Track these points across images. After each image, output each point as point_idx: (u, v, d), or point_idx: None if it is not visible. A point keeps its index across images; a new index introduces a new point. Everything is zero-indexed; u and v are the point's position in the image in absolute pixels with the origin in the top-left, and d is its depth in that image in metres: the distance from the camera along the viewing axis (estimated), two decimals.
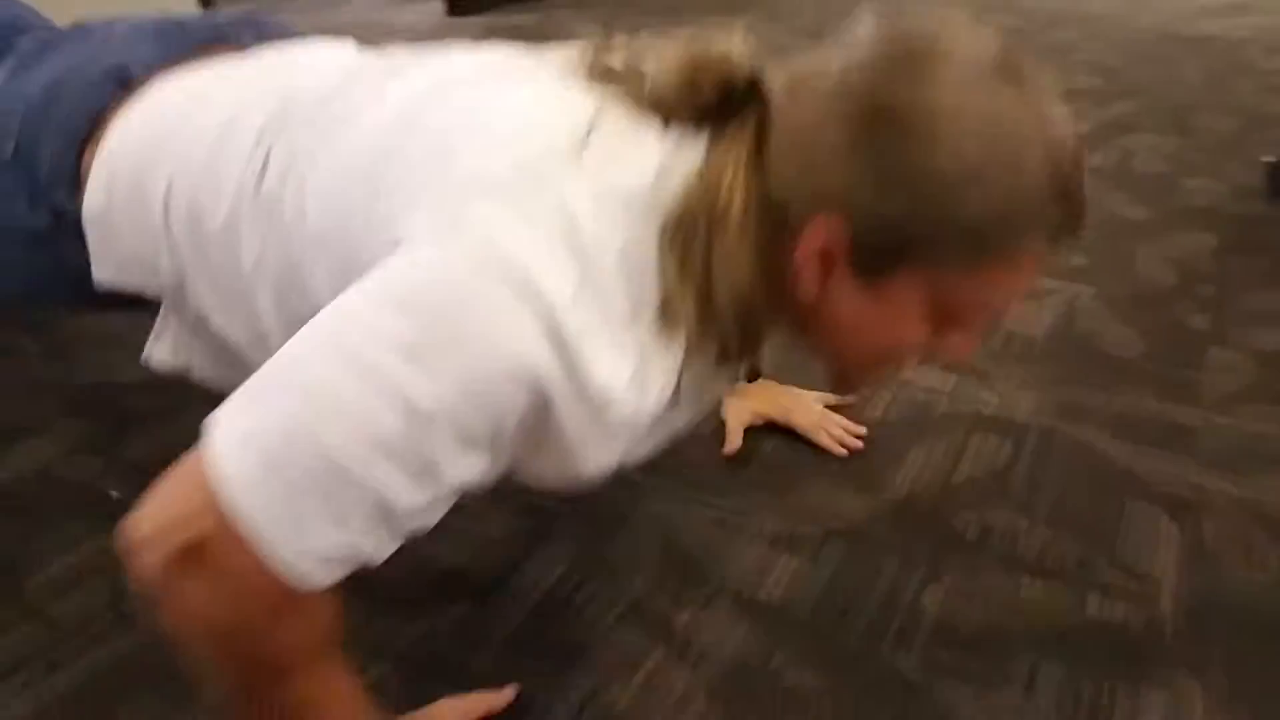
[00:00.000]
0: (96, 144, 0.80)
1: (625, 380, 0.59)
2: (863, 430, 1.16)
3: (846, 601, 0.93)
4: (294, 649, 0.62)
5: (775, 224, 0.61)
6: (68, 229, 0.81)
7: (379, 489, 0.55)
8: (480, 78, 0.71)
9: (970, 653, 0.87)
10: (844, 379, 0.75)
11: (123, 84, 0.83)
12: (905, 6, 0.59)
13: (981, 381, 1.28)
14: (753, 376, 1.18)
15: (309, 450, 0.53)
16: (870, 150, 0.56)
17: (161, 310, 0.83)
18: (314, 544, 0.55)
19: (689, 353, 0.63)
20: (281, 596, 0.56)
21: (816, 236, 0.59)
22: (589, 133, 0.62)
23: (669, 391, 0.63)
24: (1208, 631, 0.89)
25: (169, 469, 0.57)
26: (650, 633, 0.90)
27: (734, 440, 1.14)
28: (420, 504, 0.57)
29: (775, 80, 0.63)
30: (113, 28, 0.91)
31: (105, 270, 0.82)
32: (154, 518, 0.56)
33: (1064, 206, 0.58)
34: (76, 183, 0.80)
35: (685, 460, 1.12)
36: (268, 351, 0.60)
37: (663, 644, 0.88)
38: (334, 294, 0.60)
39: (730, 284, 0.61)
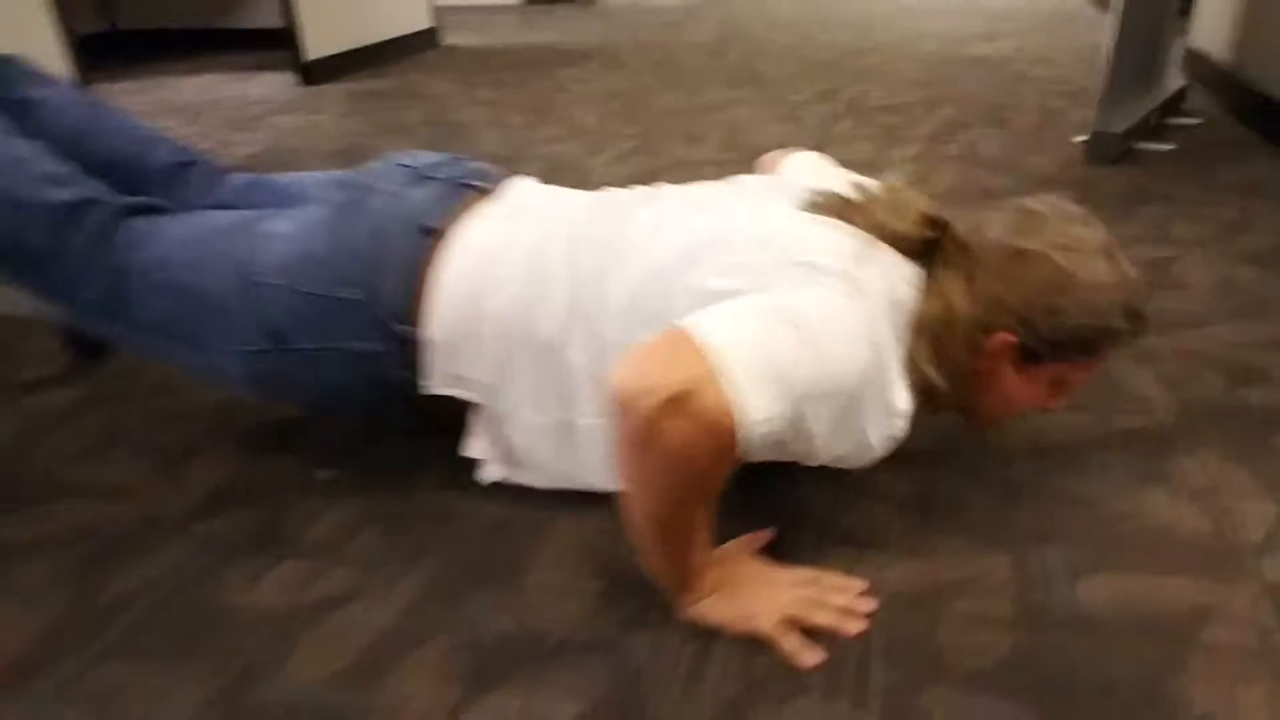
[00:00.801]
0: (424, 282, 1.05)
1: (901, 404, 0.93)
2: None
3: (961, 457, 1.25)
4: (715, 483, 0.86)
5: (973, 328, 0.98)
6: (402, 352, 1.06)
7: (800, 376, 0.83)
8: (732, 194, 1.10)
9: (1057, 461, 1.21)
10: (984, 426, 1.13)
11: (430, 232, 1.07)
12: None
13: None
14: None
15: (765, 339, 0.82)
16: (1036, 300, 0.96)
17: (474, 417, 1.11)
18: (764, 402, 0.79)
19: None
20: (733, 437, 0.79)
21: (1003, 345, 0.98)
22: (861, 250, 0.96)
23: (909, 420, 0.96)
24: (1197, 423, 1.29)
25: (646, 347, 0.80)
26: (834, 491, 1.17)
27: None
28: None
29: (959, 228, 1.01)
30: (376, 178, 1.13)
31: (435, 381, 1.08)
32: (646, 376, 0.78)
33: (1134, 326, 1.01)
34: (413, 315, 1.05)
35: None
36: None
37: (851, 493, 1.16)
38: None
39: (948, 360, 0.98)
